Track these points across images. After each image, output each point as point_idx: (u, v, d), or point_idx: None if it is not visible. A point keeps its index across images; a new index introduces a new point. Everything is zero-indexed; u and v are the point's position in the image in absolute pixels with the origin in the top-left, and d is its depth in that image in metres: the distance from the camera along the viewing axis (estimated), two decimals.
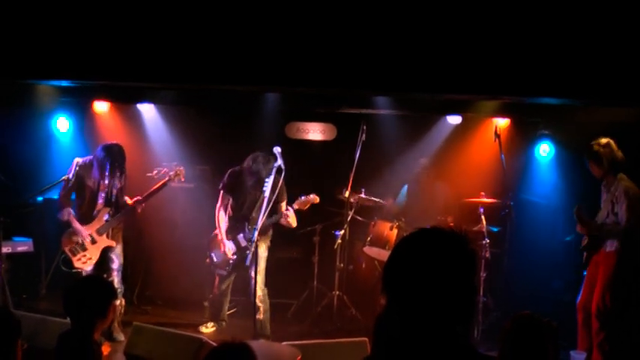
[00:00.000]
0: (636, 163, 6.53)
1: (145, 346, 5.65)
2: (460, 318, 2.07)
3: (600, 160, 6.24)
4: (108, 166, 6.74)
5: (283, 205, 6.96)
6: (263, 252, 6.91)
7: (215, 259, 7.16)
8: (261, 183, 6.86)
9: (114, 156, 6.78)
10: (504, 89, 6.08)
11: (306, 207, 7.05)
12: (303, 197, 6.99)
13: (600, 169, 6.28)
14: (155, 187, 7.06)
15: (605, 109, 7.15)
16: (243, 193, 7.07)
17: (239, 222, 7.09)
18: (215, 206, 7.14)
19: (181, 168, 7.17)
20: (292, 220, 6.92)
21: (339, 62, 5.90)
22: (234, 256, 7.03)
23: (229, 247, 7.03)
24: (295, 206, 6.95)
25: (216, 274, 7.25)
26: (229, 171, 7.15)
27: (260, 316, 6.84)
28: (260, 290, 6.86)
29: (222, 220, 7.11)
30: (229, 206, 7.16)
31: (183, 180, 7.26)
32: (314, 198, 7.04)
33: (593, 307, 6.27)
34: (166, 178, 7.04)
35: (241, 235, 7.04)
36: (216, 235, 7.15)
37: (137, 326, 5.91)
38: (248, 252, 6.76)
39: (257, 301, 6.84)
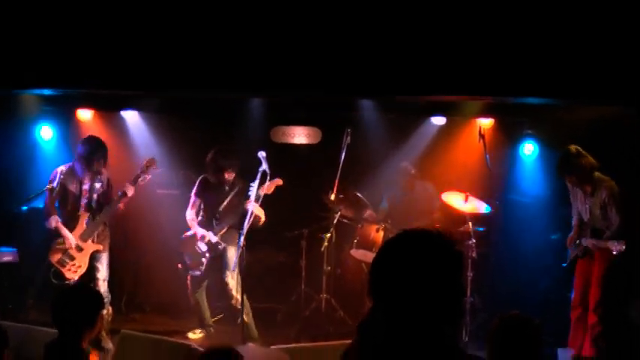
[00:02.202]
0: (620, 159, 6.57)
1: (133, 354, 5.62)
2: (448, 319, 2.08)
3: (584, 170, 6.28)
4: (91, 158, 6.73)
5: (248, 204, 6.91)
6: (233, 254, 6.94)
7: (188, 261, 7.19)
8: (222, 179, 7.11)
9: (95, 146, 6.80)
10: (488, 89, 6.10)
11: (272, 190, 6.99)
12: (267, 183, 6.86)
13: (584, 178, 6.32)
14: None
15: (588, 107, 7.18)
16: (212, 193, 7.26)
17: (207, 221, 7.25)
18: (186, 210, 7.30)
19: (152, 158, 7.14)
20: (259, 212, 6.90)
21: (321, 66, 5.91)
22: (208, 254, 7.09)
23: (207, 235, 7.10)
24: (261, 192, 6.86)
25: (191, 276, 7.24)
26: (201, 177, 7.34)
27: (246, 317, 6.82)
28: (237, 294, 6.90)
29: (193, 218, 7.27)
30: (201, 210, 7.33)
31: (157, 168, 7.17)
32: (277, 181, 7.02)
33: (590, 301, 6.31)
34: (138, 171, 6.99)
35: (210, 232, 7.15)
36: (185, 237, 7.25)
37: (125, 334, 5.86)
38: (220, 246, 7.05)
39: (237, 304, 6.87)
